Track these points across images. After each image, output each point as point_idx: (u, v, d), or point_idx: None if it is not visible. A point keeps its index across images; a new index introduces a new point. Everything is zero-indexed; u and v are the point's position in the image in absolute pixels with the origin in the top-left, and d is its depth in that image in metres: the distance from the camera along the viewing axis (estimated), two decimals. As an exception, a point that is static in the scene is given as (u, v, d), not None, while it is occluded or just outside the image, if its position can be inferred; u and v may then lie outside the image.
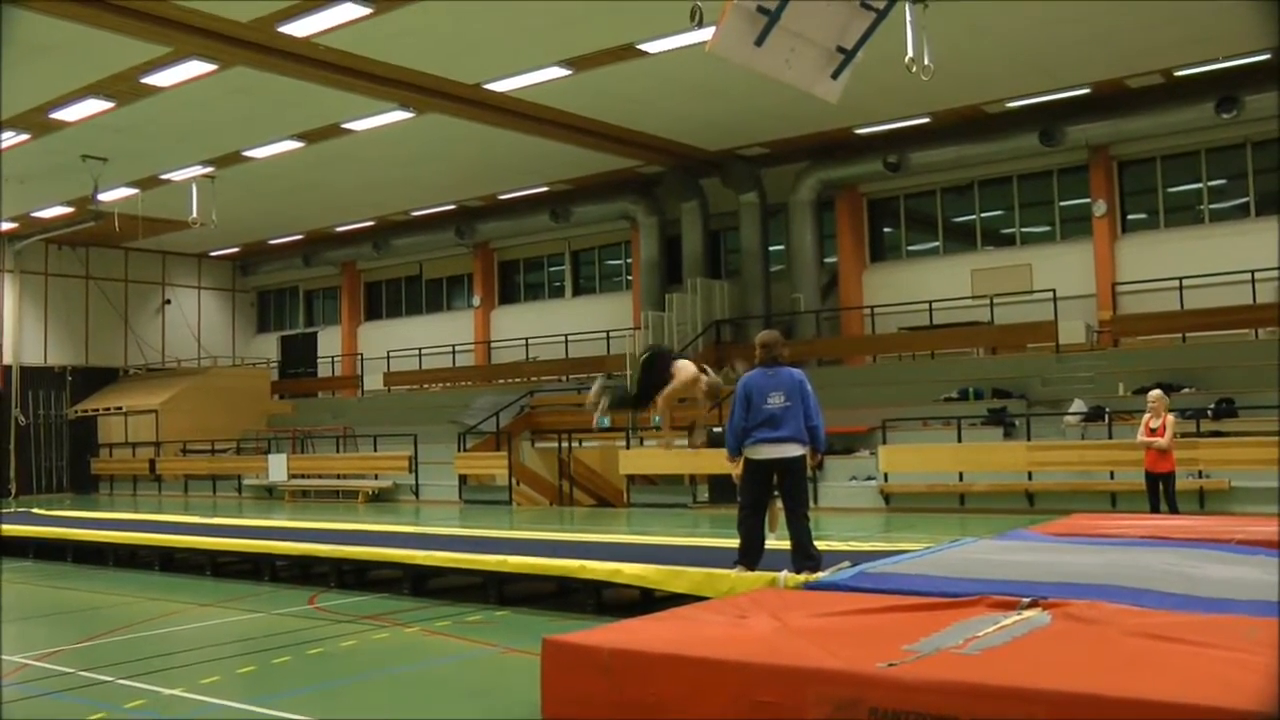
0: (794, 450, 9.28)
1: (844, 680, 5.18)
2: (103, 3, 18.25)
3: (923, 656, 5.40)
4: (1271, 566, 7.98)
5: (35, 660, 9.02)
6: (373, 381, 39.24)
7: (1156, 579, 7.48)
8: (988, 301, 26.50)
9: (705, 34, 10.49)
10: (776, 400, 9.26)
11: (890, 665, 5.21)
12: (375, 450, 30.84)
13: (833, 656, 5.50)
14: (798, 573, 8.94)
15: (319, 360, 43.03)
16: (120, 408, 37.79)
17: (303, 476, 31.58)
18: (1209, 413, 20.02)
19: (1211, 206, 25.30)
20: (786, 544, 9.53)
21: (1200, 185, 25.38)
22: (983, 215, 28.36)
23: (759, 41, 9.87)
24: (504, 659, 8.84)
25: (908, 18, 14.93)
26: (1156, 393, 14.60)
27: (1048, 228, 27.50)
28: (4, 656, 9.25)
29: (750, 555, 9.44)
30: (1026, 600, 6.66)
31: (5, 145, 25.37)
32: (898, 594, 7.28)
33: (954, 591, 7.19)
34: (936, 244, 29.16)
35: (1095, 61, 22.13)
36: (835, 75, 10.79)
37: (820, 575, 8.62)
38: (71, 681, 8.18)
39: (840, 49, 10.63)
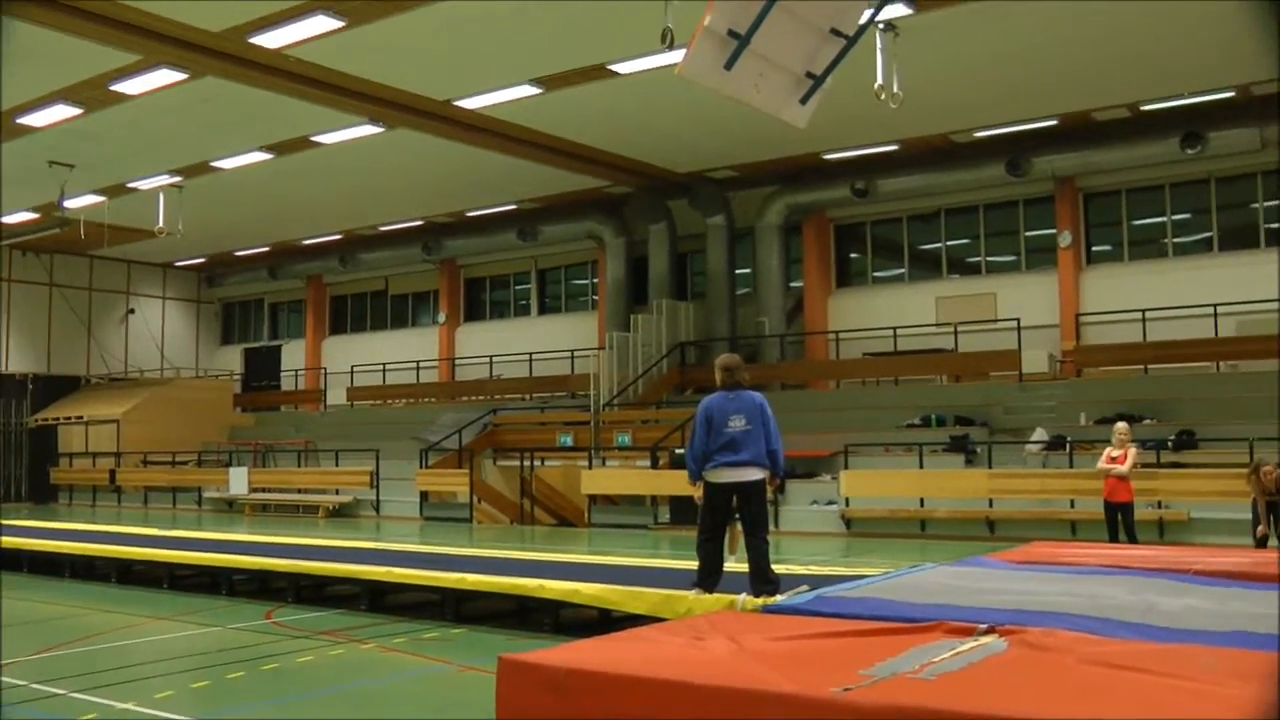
0: (754, 474, 9.29)
1: (799, 704, 5.17)
2: (74, 9, 18.17)
3: (878, 681, 5.40)
4: (1231, 598, 8.02)
5: (-14, 671, 8.93)
6: (336, 396, 39.06)
7: (1114, 608, 7.50)
8: (952, 329, 26.61)
9: (676, 56, 10.52)
10: (737, 424, 9.26)
11: (846, 690, 5.20)
12: (337, 465, 30.71)
13: (789, 680, 5.49)
14: (756, 596, 8.94)
15: (282, 374, 42.85)
16: (81, 417, 37.51)
17: (264, 490, 31.40)
18: (1169, 444, 20.16)
19: (1175, 240, 25.50)
20: (745, 566, 9.53)
21: (1164, 219, 25.58)
22: (949, 243, 28.50)
23: (729, 65, 9.89)
24: (460, 677, 8.80)
25: (878, 45, 15.06)
26: (1122, 425, 14.73)
27: (1013, 257, 27.65)
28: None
29: (709, 578, 9.43)
30: (983, 627, 6.67)
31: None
32: (855, 619, 7.28)
33: (911, 617, 7.19)
34: (902, 271, 29.29)
35: (1063, 93, 22.32)
36: (804, 101, 10.83)
37: (779, 599, 8.62)
38: (24, 694, 8.09)
39: (809, 75, 10.67)
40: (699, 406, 9.63)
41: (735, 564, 9.77)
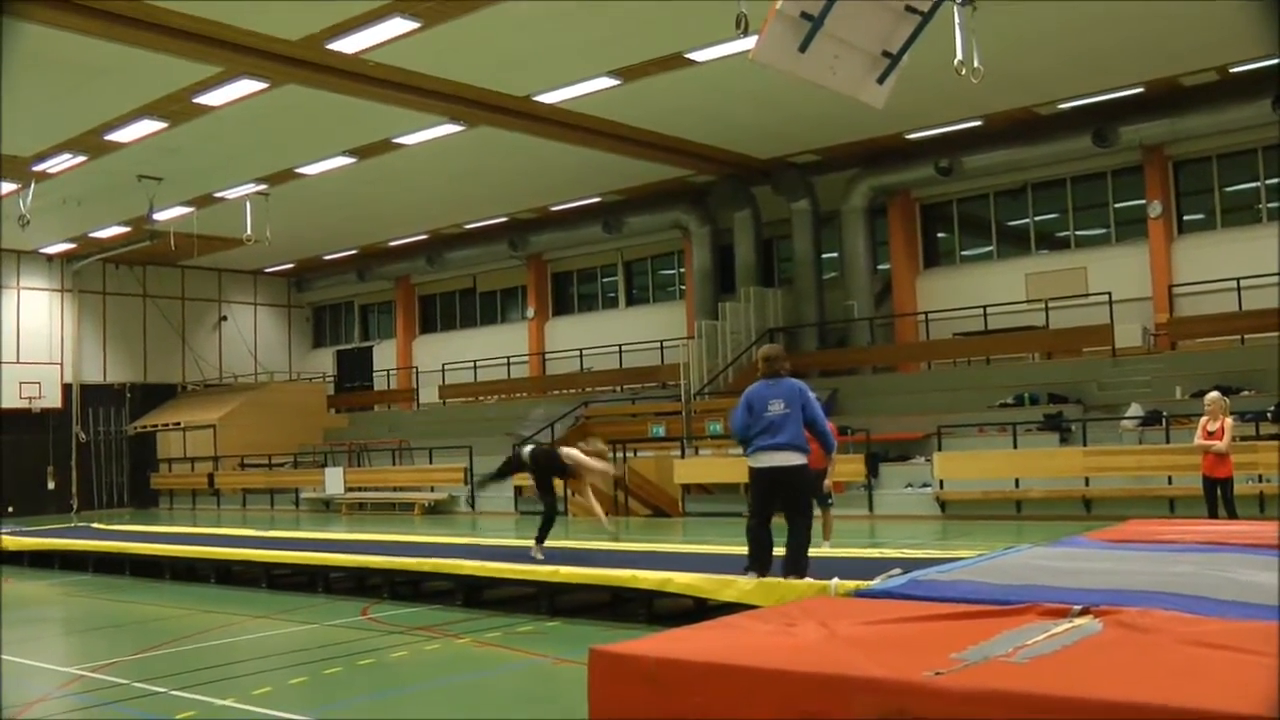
0: (793, 459, 9.41)
1: (890, 689, 5.12)
2: (154, 25, 18.44)
3: (970, 665, 5.33)
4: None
5: (91, 672, 9.11)
6: (428, 394, 39.40)
7: (1212, 586, 7.35)
8: (1043, 306, 26.29)
9: (752, 42, 10.45)
10: (776, 408, 9.49)
11: (937, 674, 5.15)
12: (431, 463, 30.94)
13: (880, 665, 5.43)
14: (784, 577, 9.02)
15: (374, 374, 43.31)
16: (179, 423, 38.16)
17: (359, 489, 31.75)
18: (1269, 415, 19.74)
19: (1269, 205, 24.94)
20: (826, 551, 9.58)
21: (1258, 184, 25.04)
22: (1036, 218, 28.13)
23: (803, 48, 9.81)
24: (554, 669, 8.84)
25: (955, 20, 14.82)
26: (1214, 395, 14.38)
27: (1103, 230, 27.23)
28: (59, 669, 9.37)
29: (760, 561, 9.56)
30: (1078, 608, 6.56)
31: (63, 167, 25.75)
32: (948, 602, 7.19)
33: (1005, 599, 7.09)
34: (990, 248, 28.96)
35: (1148, 60, 21.90)
36: (881, 80, 10.71)
37: (873, 583, 8.54)
38: (125, 692, 8.26)
39: (885, 54, 10.56)
40: (742, 394, 9.78)
41: (830, 550, 9.78)
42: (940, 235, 29.93)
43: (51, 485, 36.08)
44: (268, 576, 14.60)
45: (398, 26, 18.68)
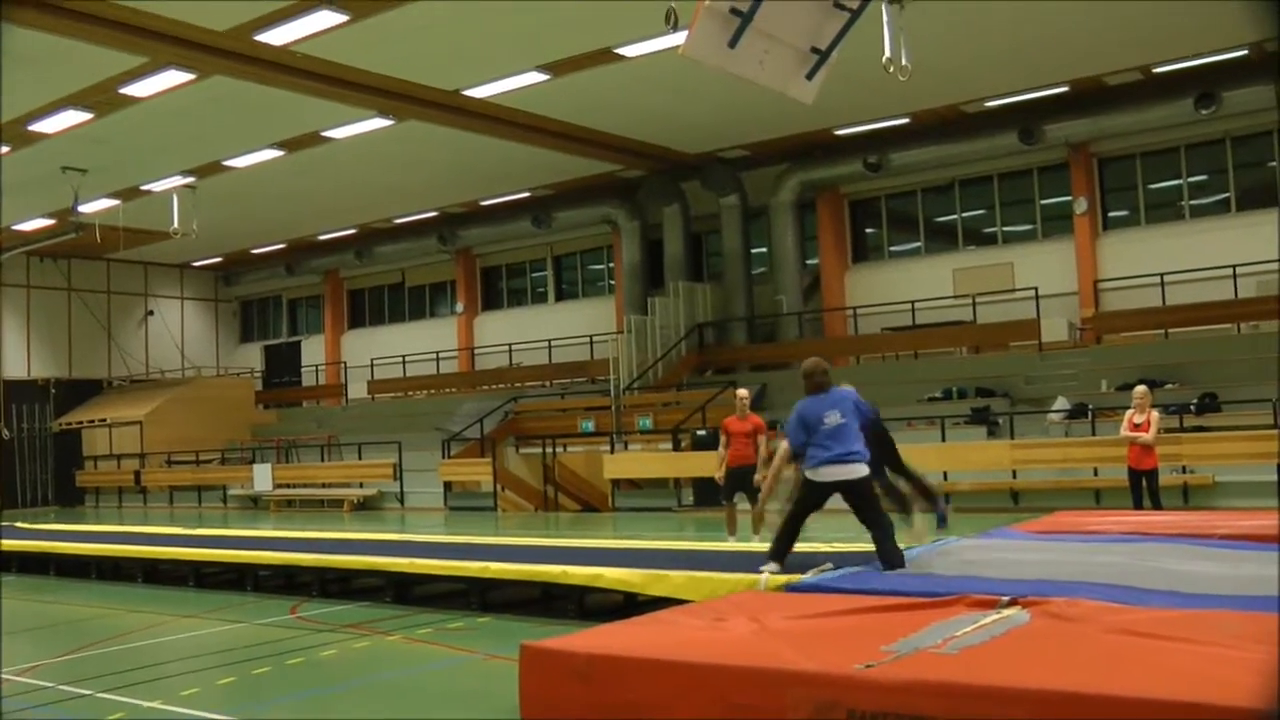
0: (858, 470, 9.14)
1: (822, 682, 5.16)
2: (79, 13, 18.18)
3: (901, 657, 5.38)
4: (1253, 561, 7.97)
5: (15, 676, 8.95)
6: (357, 390, 39.15)
7: (1138, 575, 7.47)
8: (970, 301, 26.52)
9: (682, 37, 10.47)
10: (833, 419, 9.12)
11: (868, 666, 5.19)
12: (360, 458, 30.76)
13: (810, 658, 5.47)
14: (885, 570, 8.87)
15: (303, 369, 42.96)
16: (104, 420, 37.68)
17: (288, 486, 31.49)
18: (1192, 408, 20.05)
19: (1192, 202, 25.34)
20: (762, 545, 9.54)
21: (1180, 181, 25.41)
22: (964, 215, 28.37)
23: (732, 43, 9.85)
24: (485, 665, 8.80)
25: (884, 18, 14.93)
26: (1142, 388, 14.53)
27: (1029, 226, 27.52)
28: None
29: (782, 554, 9.30)
30: (1006, 599, 6.65)
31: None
32: (878, 595, 7.26)
33: (934, 591, 7.17)
34: (918, 244, 29.17)
35: (1073, 59, 22.15)
36: (810, 76, 10.77)
37: (803, 576, 8.59)
38: (51, 696, 8.13)
39: (814, 50, 10.62)
40: (793, 410, 9.48)
41: (737, 544, 9.78)
42: (869, 231, 30.11)
43: (-27, 484, 35.52)
44: (195, 575, 14.43)
45: (327, 19, 18.55)
